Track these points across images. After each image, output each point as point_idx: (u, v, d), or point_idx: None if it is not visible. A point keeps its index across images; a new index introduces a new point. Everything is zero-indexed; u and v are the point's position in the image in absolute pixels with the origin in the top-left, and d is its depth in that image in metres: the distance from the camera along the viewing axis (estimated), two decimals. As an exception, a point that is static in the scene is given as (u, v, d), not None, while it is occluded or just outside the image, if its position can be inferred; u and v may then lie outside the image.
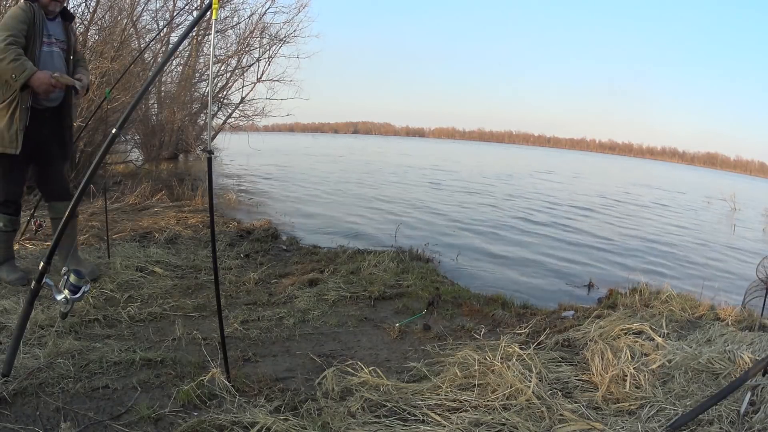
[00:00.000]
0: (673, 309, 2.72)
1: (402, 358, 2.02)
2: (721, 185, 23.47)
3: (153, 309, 2.32)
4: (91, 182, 1.69)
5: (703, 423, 1.54)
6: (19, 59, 2.27)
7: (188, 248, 3.50)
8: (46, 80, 2.30)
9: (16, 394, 1.51)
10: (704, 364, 1.93)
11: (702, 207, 13.07)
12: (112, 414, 1.47)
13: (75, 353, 1.79)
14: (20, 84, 2.24)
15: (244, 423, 1.41)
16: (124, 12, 6.49)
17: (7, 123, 2.35)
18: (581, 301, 3.31)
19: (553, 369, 1.88)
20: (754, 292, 3.32)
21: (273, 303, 2.57)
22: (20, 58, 2.27)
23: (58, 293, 1.58)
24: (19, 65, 2.25)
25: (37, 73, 2.29)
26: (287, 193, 7.70)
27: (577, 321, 2.53)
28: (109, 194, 4.90)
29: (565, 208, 8.93)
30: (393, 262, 3.39)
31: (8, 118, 2.35)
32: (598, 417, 1.58)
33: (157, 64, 6.87)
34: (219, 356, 1.76)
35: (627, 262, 4.94)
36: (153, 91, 8.91)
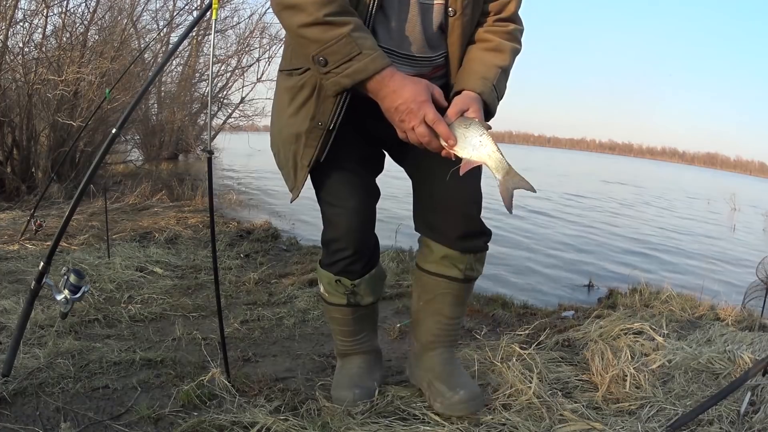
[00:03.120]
0: (673, 309, 2.72)
1: (402, 359, 2.01)
2: (720, 185, 23.47)
3: (153, 309, 2.32)
4: (91, 182, 1.69)
5: (703, 423, 1.53)
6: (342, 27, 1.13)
7: (188, 248, 3.50)
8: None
9: (16, 394, 1.51)
10: (704, 364, 1.93)
11: (702, 207, 13.07)
12: (112, 414, 1.47)
13: (75, 353, 1.79)
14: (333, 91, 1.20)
15: (243, 423, 1.41)
16: (124, 12, 6.49)
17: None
18: (581, 301, 3.31)
19: (553, 369, 1.88)
20: (754, 292, 3.32)
21: (273, 303, 2.57)
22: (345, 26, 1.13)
23: (58, 293, 1.58)
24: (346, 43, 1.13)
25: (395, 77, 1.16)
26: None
27: (577, 321, 2.53)
28: (109, 194, 4.90)
29: (565, 207, 8.92)
30: (393, 262, 3.39)
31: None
32: (598, 417, 1.58)
33: (157, 64, 6.86)
34: (219, 356, 1.76)
35: (627, 263, 4.94)
36: (153, 91, 8.91)
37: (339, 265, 1.47)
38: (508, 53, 1.34)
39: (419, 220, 1.53)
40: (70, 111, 5.19)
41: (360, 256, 1.47)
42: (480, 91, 1.26)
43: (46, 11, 5.09)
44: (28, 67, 4.93)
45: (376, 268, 1.54)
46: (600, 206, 10.04)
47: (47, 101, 5.06)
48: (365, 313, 1.59)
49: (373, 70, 1.15)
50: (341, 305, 1.54)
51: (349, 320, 1.58)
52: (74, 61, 5.03)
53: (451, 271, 1.48)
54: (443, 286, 1.51)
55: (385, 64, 1.16)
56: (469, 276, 1.50)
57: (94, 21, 5.66)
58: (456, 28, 1.32)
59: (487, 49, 1.34)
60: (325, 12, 1.13)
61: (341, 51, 1.14)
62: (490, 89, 1.28)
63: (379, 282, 1.58)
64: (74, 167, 5.48)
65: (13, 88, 5.05)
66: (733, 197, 13.55)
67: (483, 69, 1.30)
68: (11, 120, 4.98)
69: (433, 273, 1.51)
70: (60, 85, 4.84)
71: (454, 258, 1.47)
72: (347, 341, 1.62)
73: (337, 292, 1.52)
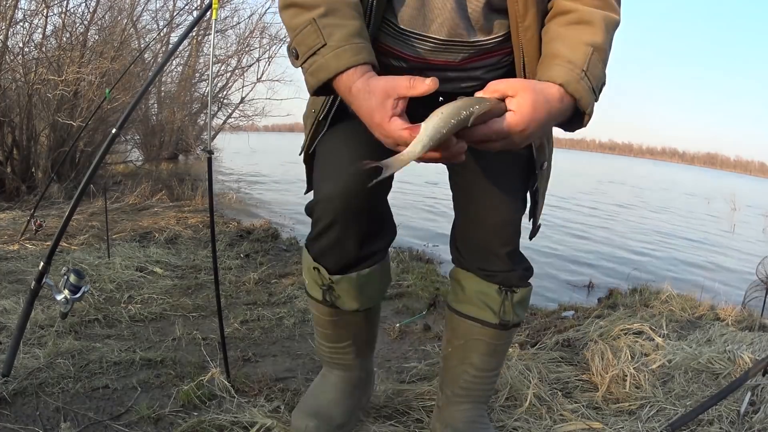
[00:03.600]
0: (673, 309, 2.72)
1: (402, 359, 2.02)
2: (720, 185, 23.47)
3: (153, 309, 2.32)
4: (91, 182, 1.69)
5: (703, 423, 1.54)
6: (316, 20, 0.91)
7: (188, 248, 3.50)
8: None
9: (16, 394, 1.51)
10: (704, 364, 1.93)
11: (702, 207, 13.07)
12: (112, 414, 1.47)
13: (75, 353, 1.79)
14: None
15: (243, 423, 1.41)
16: (124, 12, 6.49)
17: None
18: (581, 301, 3.31)
19: (554, 369, 1.88)
20: (754, 292, 3.32)
21: (273, 303, 2.57)
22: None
23: (58, 293, 1.58)
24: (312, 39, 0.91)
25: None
26: (287, 193, 7.71)
27: (577, 321, 2.53)
28: (109, 194, 4.90)
29: (565, 207, 8.93)
30: (393, 262, 3.39)
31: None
32: (598, 417, 1.58)
33: (157, 64, 6.86)
34: (219, 356, 1.76)
35: (627, 263, 4.94)
36: (153, 91, 8.91)
37: (317, 245, 1.15)
38: (600, 25, 0.95)
39: (452, 241, 1.29)
40: (70, 111, 5.19)
41: (343, 236, 1.12)
42: (564, 81, 0.89)
43: (46, 11, 5.09)
44: (28, 67, 4.93)
45: (370, 270, 1.19)
46: (600, 206, 10.05)
47: (47, 101, 5.06)
48: (350, 321, 1.27)
49: (335, 69, 0.88)
50: (318, 301, 1.24)
51: (327, 322, 1.28)
52: (74, 61, 5.03)
53: (484, 313, 1.23)
54: (475, 331, 1.25)
55: (350, 62, 0.87)
56: (505, 321, 1.22)
57: (94, 21, 5.66)
58: (528, 6, 0.99)
59: (569, 23, 0.97)
60: None
61: (306, 41, 0.91)
62: (578, 77, 0.90)
63: (370, 288, 1.22)
64: (74, 167, 5.47)
65: (13, 88, 5.05)
66: (733, 197, 13.55)
67: (566, 50, 0.93)
68: (11, 120, 4.97)
69: (464, 315, 1.26)
70: (60, 85, 4.84)
71: (488, 297, 1.22)
72: (325, 346, 1.34)
73: (315, 283, 1.21)
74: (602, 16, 0.96)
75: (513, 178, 1.17)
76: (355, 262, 1.17)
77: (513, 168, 1.17)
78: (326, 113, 1.13)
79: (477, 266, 1.22)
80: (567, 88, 0.89)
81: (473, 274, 1.23)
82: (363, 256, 1.18)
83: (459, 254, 1.27)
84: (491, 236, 1.18)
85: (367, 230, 1.15)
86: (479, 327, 1.24)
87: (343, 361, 1.34)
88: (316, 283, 1.20)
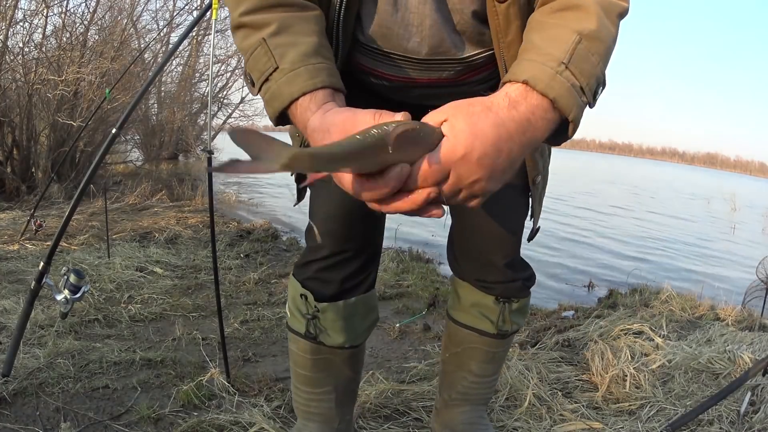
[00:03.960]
0: (673, 309, 2.72)
1: (402, 359, 2.02)
2: (720, 185, 23.47)
3: (153, 309, 2.32)
4: (91, 182, 1.69)
5: (703, 423, 1.54)
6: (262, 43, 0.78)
7: (188, 248, 3.50)
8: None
9: (16, 394, 1.51)
10: (704, 364, 1.93)
11: (702, 207, 13.07)
12: (112, 414, 1.47)
13: (75, 353, 1.79)
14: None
15: (243, 423, 1.41)
16: (124, 12, 6.49)
17: None
18: (581, 301, 3.31)
19: (553, 369, 1.88)
20: (754, 292, 3.32)
21: (273, 303, 2.57)
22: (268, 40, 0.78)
23: (58, 293, 1.58)
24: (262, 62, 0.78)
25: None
26: (288, 193, 7.71)
27: (577, 321, 2.53)
28: (109, 194, 4.90)
29: (564, 208, 8.93)
30: (393, 262, 3.40)
31: None
32: (598, 417, 1.58)
33: (157, 64, 6.87)
34: (219, 356, 1.77)
35: (627, 263, 4.94)
36: (153, 91, 8.92)
37: (311, 268, 1.09)
38: (592, 10, 0.73)
39: (450, 249, 1.23)
40: (70, 111, 5.19)
41: (341, 261, 1.06)
42: (529, 77, 0.67)
43: (46, 11, 5.10)
44: (28, 67, 4.93)
45: (357, 299, 1.10)
46: (600, 206, 10.05)
47: (47, 101, 5.06)
48: (331, 362, 1.14)
49: (289, 96, 0.74)
50: (299, 334, 1.14)
51: (307, 361, 1.14)
52: (74, 61, 5.03)
53: (482, 323, 1.18)
54: (472, 340, 1.21)
55: (304, 87, 0.73)
56: (503, 331, 1.18)
57: (94, 21, 5.67)
58: (509, 19, 0.83)
59: (552, 10, 0.77)
60: (242, 10, 0.80)
61: (258, 66, 0.77)
62: (552, 71, 0.68)
63: (356, 320, 1.12)
64: (74, 167, 5.47)
65: (13, 88, 5.05)
66: (733, 197, 13.55)
67: (541, 40, 0.73)
68: (11, 120, 4.98)
69: (462, 324, 1.22)
70: (60, 85, 4.84)
71: (486, 308, 1.17)
72: (302, 392, 1.19)
73: (299, 313, 1.12)
74: (596, 2, 0.74)
75: (512, 184, 1.05)
76: (344, 290, 1.09)
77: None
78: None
79: (474, 277, 1.17)
80: (535, 86, 0.66)
81: (470, 284, 1.18)
82: (352, 286, 1.10)
83: (456, 263, 1.21)
84: (489, 247, 1.12)
85: (362, 255, 1.09)
86: (477, 336, 1.20)
87: (320, 410, 1.19)
88: (300, 312, 1.12)
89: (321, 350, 1.12)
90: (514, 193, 1.08)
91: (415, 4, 0.85)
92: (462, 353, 1.23)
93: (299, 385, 1.19)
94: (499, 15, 0.82)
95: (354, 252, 1.07)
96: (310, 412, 1.20)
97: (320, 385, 1.16)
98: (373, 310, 1.16)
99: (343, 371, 1.16)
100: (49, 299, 2.19)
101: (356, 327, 1.12)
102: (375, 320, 1.17)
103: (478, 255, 1.14)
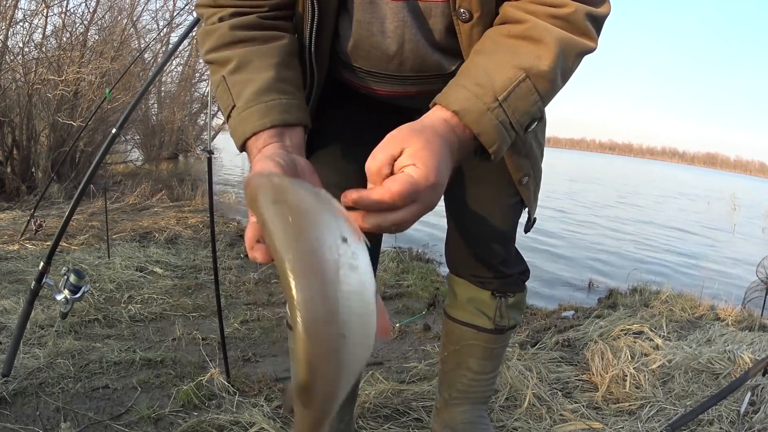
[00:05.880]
0: (673, 309, 2.72)
1: (402, 359, 2.02)
2: (720, 185, 23.46)
3: (153, 309, 2.32)
4: (91, 182, 1.69)
5: (703, 423, 1.54)
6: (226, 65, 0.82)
7: (188, 248, 3.50)
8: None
9: (16, 394, 1.51)
10: (704, 364, 1.93)
11: (702, 207, 13.07)
12: (112, 414, 1.47)
13: (75, 353, 1.79)
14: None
15: (243, 423, 1.41)
16: (124, 12, 6.49)
17: None
18: (581, 301, 3.31)
19: (553, 369, 1.88)
20: (754, 292, 3.32)
21: (273, 303, 2.57)
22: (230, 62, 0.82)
23: (58, 293, 1.58)
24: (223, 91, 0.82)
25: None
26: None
27: (577, 321, 2.53)
28: (109, 194, 4.90)
29: (566, 208, 8.93)
30: (393, 262, 3.39)
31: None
32: (598, 417, 1.58)
33: (157, 64, 6.86)
34: (219, 356, 1.77)
35: (627, 262, 4.94)
36: (153, 91, 8.91)
37: None
38: (551, 47, 0.71)
39: (448, 251, 1.24)
40: (70, 111, 5.19)
41: None
42: (459, 109, 0.68)
43: (46, 11, 5.09)
44: (28, 67, 4.93)
45: None
46: (600, 206, 10.05)
47: (47, 101, 5.06)
48: None
49: (242, 135, 0.77)
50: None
51: None
52: (74, 61, 5.03)
53: (478, 319, 1.20)
54: (470, 336, 1.23)
55: (255, 127, 0.76)
56: (500, 326, 1.20)
57: (94, 21, 5.66)
58: (472, 39, 0.82)
59: (510, 35, 0.75)
60: (207, 48, 0.84)
61: (222, 102, 0.81)
62: (484, 107, 0.69)
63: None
64: (74, 167, 5.47)
65: (13, 88, 5.05)
66: (733, 197, 13.55)
67: (483, 67, 0.72)
68: (11, 120, 4.97)
69: (459, 321, 1.24)
70: (60, 85, 4.84)
71: (482, 303, 1.19)
72: None
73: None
74: (559, 38, 0.72)
75: (504, 184, 1.06)
76: None
77: (503, 175, 1.05)
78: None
79: (470, 273, 1.18)
80: (462, 118, 0.68)
81: (466, 280, 1.20)
82: None
83: (453, 261, 1.23)
84: (483, 246, 1.14)
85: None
86: (474, 332, 1.22)
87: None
88: None
89: None
90: (506, 194, 1.09)
91: (392, 29, 0.85)
92: (460, 350, 1.25)
93: None
94: (463, 34, 0.83)
95: None
96: None
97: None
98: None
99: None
100: (49, 299, 2.19)
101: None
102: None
103: (473, 252, 1.16)
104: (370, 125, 1.02)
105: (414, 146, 0.63)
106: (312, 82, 0.91)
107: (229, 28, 0.82)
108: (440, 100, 0.71)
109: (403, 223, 0.63)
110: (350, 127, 1.03)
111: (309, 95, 0.93)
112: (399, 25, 0.84)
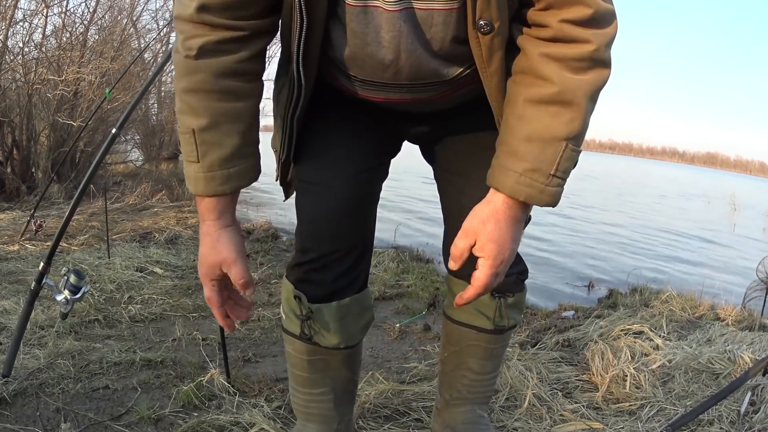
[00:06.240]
0: (673, 309, 2.72)
1: (402, 359, 2.02)
2: (720, 185, 23.46)
3: (153, 309, 2.32)
4: (91, 182, 1.69)
5: (703, 423, 1.54)
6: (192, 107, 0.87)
7: (188, 248, 3.50)
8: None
9: (16, 395, 1.51)
10: (704, 364, 1.93)
11: (702, 207, 13.07)
12: (113, 414, 1.47)
13: (75, 354, 1.79)
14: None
15: (243, 423, 1.41)
16: (124, 12, 6.48)
17: None
18: (581, 301, 3.31)
19: (554, 369, 1.88)
20: (754, 292, 3.32)
21: (273, 303, 2.57)
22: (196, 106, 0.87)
23: (58, 293, 1.58)
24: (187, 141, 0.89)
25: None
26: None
27: (577, 321, 2.53)
28: (109, 194, 4.90)
29: (565, 208, 8.93)
30: (393, 262, 3.39)
31: None
32: (598, 417, 1.58)
33: (157, 64, 6.86)
34: (219, 357, 1.77)
35: (627, 263, 4.94)
36: (153, 91, 8.90)
37: (301, 270, 1.07)
38: (581, 104, 0.80)
39: (446, 251, 1.21)
40: (70, 111, 5.19)
41: (331, 262, 1.04)
42: (524, 199, 0.85)
43: (46, 11, 5.09)
44: (28, 67, 4.93)
45: (350, 299, 1.09)
46: (600, 206, 10.05)
47: (47, 101, 5.06)
48: (328, 363, 1.14)
49: (203, 191, 0.90)
50: (294, 336, 1.12)
51: (304, 363, 1.14)
52: (74, 61, 5.03)
53: (478, 319, 1.19)
54: (470, 337, 1.22)
55: (216, 191, 0.90)
56: (500, 326, 1.19)
57: (94, 21, 5.66)
58: (493, 50, 0.84)
59: (541, 101, 0.81)
60: (182, 87, 0.87)
61: (185, 147, 0.89)
62: (542, 186, 0.83)
63: (350, 320, 1.11)
64: (74, 167, 5.47)
65: (13, 88, 5.05)
66: (733, 197, 13.55)
67: (529, 150, 0.82)
68: (11, 120, 4.97)
69: (458, 322, 1.23)
70: (60, 85, 4.84)
71: (481, 303, 1.17)
72: (300, 393, 1.18)
73: (293, 314, 1.11)
74: (587, 92, 0.80)
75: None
76: (336, 290, 1.08)
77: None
78: (287, 155, 1.05)
79: (468, 273, 1.14)
80: (528, 202, 0.86)
81: (465, 281, 1.16)
82: (344, 285, 1.08)
83: (448, 257, 1.20)
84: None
85: (353, 254, 1.08)
86: (474, 333, 1.21)
87: (319, 410, 1.18)
88: (294, 313, 1.10)
89: (317, 351, 1.12)
90: None
91: (388, 39, 0.85)
92: (460, 351, 1.24)
93: (297, 387, 1.19)
94: (483, 46, 0.84)
95: (344, 252, 1.05)
96: (309, 413, 1.20)
97: (318, 386, 1.16)
98: (367, 309, 1.15)
99: (340, 372, 1.16)
100: (50, 300, 2.19)
101: (351, 327, 1.12)
102: (370, 320, 1.17)
103: (471, 253, 1.16)
104: (364, 127, 1.08)
105: (482, 239, 0.88)
106: (300, 91, 0.93)
107: (211, 75, 0.85)
108: (503, 190, 0.86)
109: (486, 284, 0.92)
110: (344, 128, 1.07)
111: (296, 103, 0.95)
112: (395, 35, 0.84)
